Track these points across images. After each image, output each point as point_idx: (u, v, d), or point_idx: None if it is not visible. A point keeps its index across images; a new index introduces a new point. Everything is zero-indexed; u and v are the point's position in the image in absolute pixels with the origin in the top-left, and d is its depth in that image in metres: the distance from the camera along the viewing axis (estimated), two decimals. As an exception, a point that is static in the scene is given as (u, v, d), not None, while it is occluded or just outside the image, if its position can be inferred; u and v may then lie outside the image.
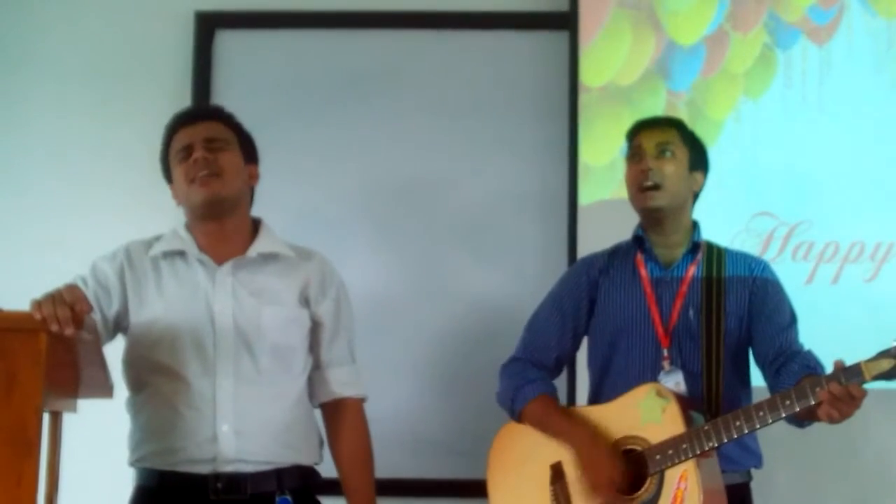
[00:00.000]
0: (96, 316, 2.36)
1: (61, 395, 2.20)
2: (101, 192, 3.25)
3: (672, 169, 2.51)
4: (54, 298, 2.04)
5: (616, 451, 2.37)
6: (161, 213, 2.55)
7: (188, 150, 2.40)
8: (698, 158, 2.58)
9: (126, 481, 2.41)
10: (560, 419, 2.48)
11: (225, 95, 3.18)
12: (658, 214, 2.53)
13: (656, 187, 2.49)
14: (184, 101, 3.20)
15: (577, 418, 2.49)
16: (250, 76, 3.27)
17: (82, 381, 2.26)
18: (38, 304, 2.02)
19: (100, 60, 3.31)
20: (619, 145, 2.71)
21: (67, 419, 2.25)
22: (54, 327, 1.99)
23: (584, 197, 3.12)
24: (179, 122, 2.47)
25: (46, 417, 2.08)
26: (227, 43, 3.30)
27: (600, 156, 3.12)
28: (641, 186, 2.51)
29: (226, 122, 2.49)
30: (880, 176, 3.04)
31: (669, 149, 2.52)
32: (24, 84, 3.31)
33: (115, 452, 2.42)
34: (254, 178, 2.50)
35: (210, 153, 2.38)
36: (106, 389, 2.35)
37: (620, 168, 2.67)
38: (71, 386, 2.25)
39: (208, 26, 3.30)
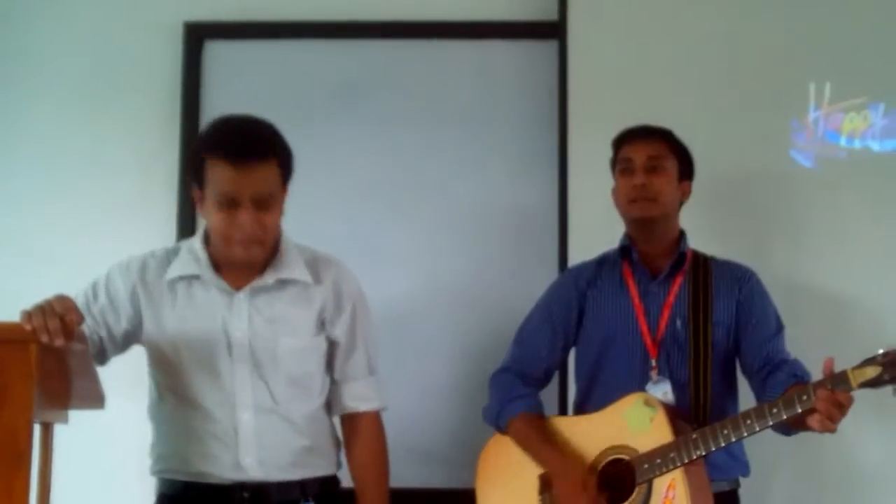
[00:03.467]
0: (101, 332, 2.36)
1: (52, 406, 2.17)
2: (90, 202, 3.21)
3: (664, 183, 2.54)
4: (44, 309, 2.02)
5: (590, 481, 2.37)
6: (151, 225, 2.55)
7: (232, 203, 2.23)
8: (686, 168, 2.61)
9: (118, 492, 2.41)
10: (538, 443, 2.48)
11: (214, 106, 3.16)
12: (648, 224, 2.56)
13: (650, 199, 2.52)
14: (173, 111, 3.19)
15: (556, 442, 2.47)
16: (239, 86, 3.25)
17: (73, 392, 2.25)
18: (28, 315, 2.01)
19: (88, 71, 3.29)
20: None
21: (58, 430, 2.23)
22: (45, 338, 1.98)
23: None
24: (223, 154, 2.23)
25: (37, 429, 2.06)
26: (216, 53, 3.29)
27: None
28: (634, 199, 2.53)
29: (275, 158, 2.28)
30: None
31: (660, 163, 2.55)
32: (12, 95, 3.29)
33: (107, 463, 2.43)
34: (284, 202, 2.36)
35: (257, 212, 2.24)
36: (97, 400, 2.33)
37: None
38: (62, 397, 2.23)
39: (197, 37, 3.28)
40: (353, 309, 2.44)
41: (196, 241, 2.41)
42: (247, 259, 2.32)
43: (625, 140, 2.61)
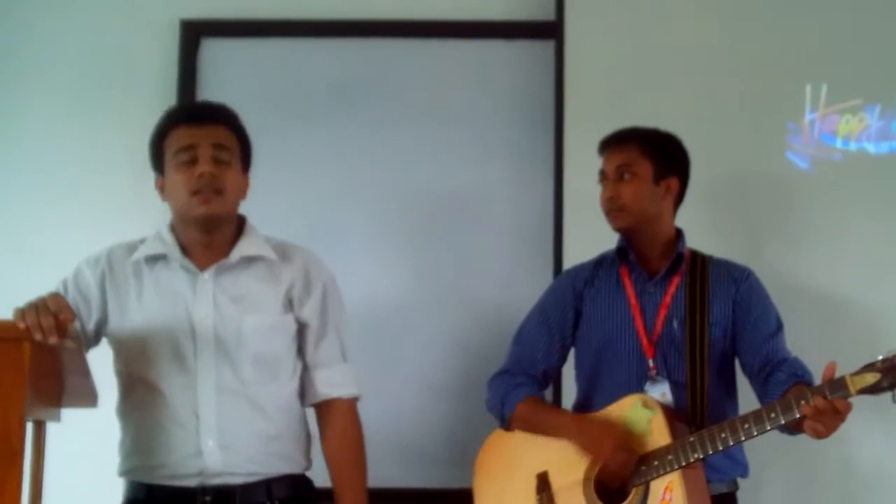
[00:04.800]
0: (76, 325, 2.33)
1: (45, 404, 2.17)
2: (84, 200, 3.22)
3: (631, 191, 2.53)
4: (38, 307, 2.02)
5: (607, 419, 2.37)
6: (144, 223, 2.52)
7: (192, 154, 2.28)
8: (667, 166, 2.57)
9: (109, 490, 2.39)
10: (548, 415, 2.51)
11: (210, 104, 3.17)
12: (627, 233, 2.57)
13: (619, 209, 2.53)
14: (169, 109, 3.21)
15: (564, 411, 2.54)
16: (236, 84, 3.23)
17: (66, 389, 2.24)
18: (21, 313, 2.01)
19: (84, 69, 3.28)
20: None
21: (51, 428, 2.22)
22: (38, 336, 1.98)
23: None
24: (182, 119, 2.33)
25: (30, 427, 2.07)
26: (213, 51, 3.29)
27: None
28: (608, 211, 2.55)
29: (231, 127, 2.36)
30: None
31: (628, 171, 2.54)
32: (7, 92, 3.28)
33: (99, 462, 2.41)
34: (246, 186, 2.41)
35: (217, 166, 2.28)
36: (90, 398, 2.33)
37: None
38: (55, 395, 2.22)
39: (193, 34, 3.28)
40: (323, 292, 2.40)
41: (163, 227, 2.40)
42: (209, 213, 2.29)
43: (600, 150, 2.62)
